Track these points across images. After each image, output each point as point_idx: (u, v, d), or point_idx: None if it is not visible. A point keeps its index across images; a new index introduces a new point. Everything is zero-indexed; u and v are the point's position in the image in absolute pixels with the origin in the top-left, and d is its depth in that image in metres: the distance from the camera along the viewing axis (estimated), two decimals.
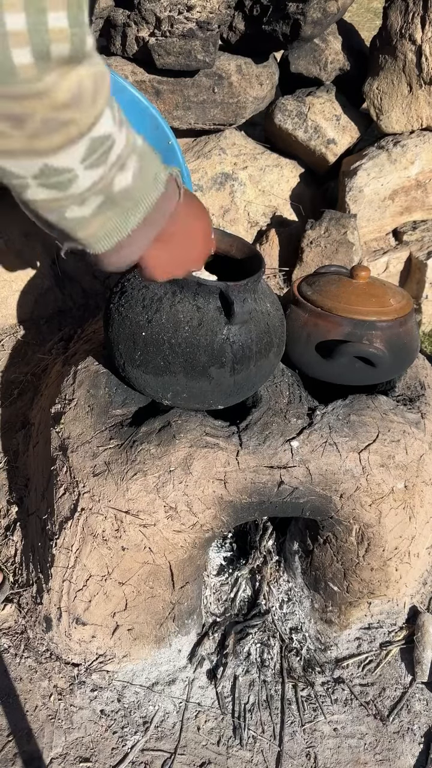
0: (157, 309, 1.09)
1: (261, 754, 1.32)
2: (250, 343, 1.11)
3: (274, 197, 2.32)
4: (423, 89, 2.08)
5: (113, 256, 0.68)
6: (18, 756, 1.26)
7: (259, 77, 2.05)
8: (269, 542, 1.56)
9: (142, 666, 1.39)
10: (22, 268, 1.98)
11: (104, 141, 0.59)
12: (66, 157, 0.57)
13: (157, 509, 1.19)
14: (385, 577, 1.39)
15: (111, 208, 0.63)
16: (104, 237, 0.65)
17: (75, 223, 0.63)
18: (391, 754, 1.33)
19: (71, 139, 0.56)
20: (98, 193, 0.61)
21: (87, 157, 0.58)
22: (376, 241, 2.35)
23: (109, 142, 0.60)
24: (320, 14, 1.87)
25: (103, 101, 0.58)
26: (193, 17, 1.81)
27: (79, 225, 0.63)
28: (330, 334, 1.29)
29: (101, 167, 0.60)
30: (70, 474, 1.24)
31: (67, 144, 0.56)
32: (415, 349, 1.36)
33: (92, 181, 0.60)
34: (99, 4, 1.87)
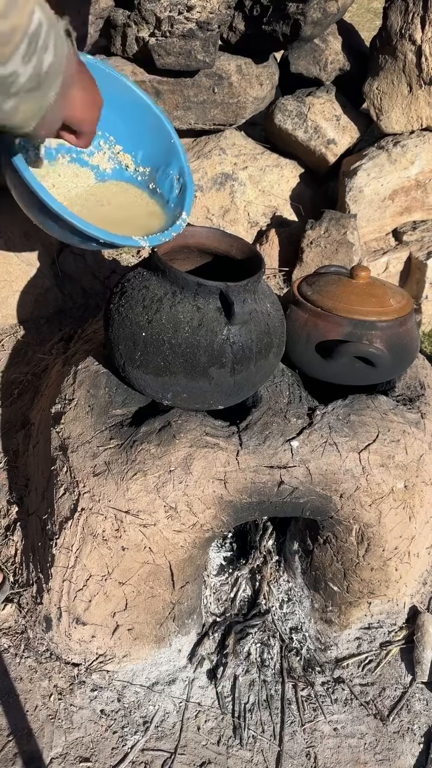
0: (157, 309, 1.09)
1: (261, 753, 1.32)
2: (250, 344, 1.11)
3: (274, 197, 2.32)
4: (423, 89, 2.08)
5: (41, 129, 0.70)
6: (18, 756, 1.26)
7: (259, 77, 2.05)
8: (269, 542, 1.56)
9: (142, 666, 1.39)
10: (22, 268, 1.98)
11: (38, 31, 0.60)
12: (12, 63, 0.58)
13: (157, 509, 1.19)
14: (385, 577, 1.39)
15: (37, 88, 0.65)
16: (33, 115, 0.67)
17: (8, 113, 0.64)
18: (391, 754, 1.33)
19: (16, 45, 0.57)
20: (33, 80, 0.63)
21: (25, 55, 0.59)
22: (376, 241, 2.35)
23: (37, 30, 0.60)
24: (320, 14, 1.87)
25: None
26: (193, 17, 1.81)
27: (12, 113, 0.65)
28: (330, 334, 1.29)
29: (34, 57, 0.61)
30: (70, 474, 1.24)
31: (14, 50, 0.57)
32: (415, 349, 1.37)
33: (29, 74, 0.61)
34: (99, 4, 1.87)
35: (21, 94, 0.63)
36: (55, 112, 0.70)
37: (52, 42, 0.64)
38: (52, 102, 0.68)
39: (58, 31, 0.66)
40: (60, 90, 0.69)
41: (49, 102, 0.68)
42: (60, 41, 0.66)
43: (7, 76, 0.59)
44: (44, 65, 0.63)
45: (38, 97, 0.66)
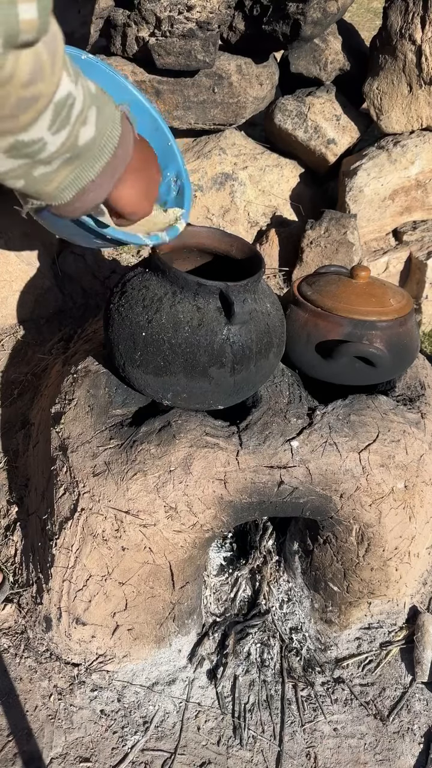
0: (157, 309, 1.09)
1: (261, 754, 1.32)
2: (250, 344, 1.11)
3: (274, 197, 2.32)
4: (423, 89, 2.08)
5: (77, 202, 0.69)
6: (18, 756, 1.26)
7: (259, 77, 2.05)
8: (269, 542, 1.56)
9: (142, 666, 1.39)
10: (22, 268, 1.98)
11: (66, 101, 0.60)
12: (36, 130, 0.58)
13: (157, 509, 1.19)
14: (385, 577, 1.39)
15: (75, 161, 0.65)
16: (68, 186, 0.66)
17: (41, 180, 0.64)
18: (391, 754, 1.33)
19: (40, 111, 0.57)
20: (65, 151, 0.63)
21: (53, 123, 0.59)
22: (376, 241, 2.35)
23: (70, 101, 0.60)
24: (320, 14, 1.87)
25: (60, 64, 0.58)
26: (193, 17, 1.81)
27: (45, 181, 0.64)
28: (330, 334, 1.29)
29: (66, 128, 0.61)
30: (70, 474, 1.24)
31: (38, 117, 0.57)
32: (415, 349, 1.36)
33: (60, 143, 0.61)
34: (99, 4, 1.87)
35: (54, 163, 0.63)
36: (97, 191, 0.69)
37: (93, 117, 0.64)
38: (93, 178, 0.67)
39: (105, 110, 0.66)
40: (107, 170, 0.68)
41: (90, 178, 0.67)
42: (107, 121, 0.67)
43: (30, 143, 0.59)
44: (81, 138, 0.63)
45: (76, 168, 0.65)
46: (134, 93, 1.16)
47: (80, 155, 0.65)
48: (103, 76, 1.11)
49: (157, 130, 1.19)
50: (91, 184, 0.68)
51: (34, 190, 0.65)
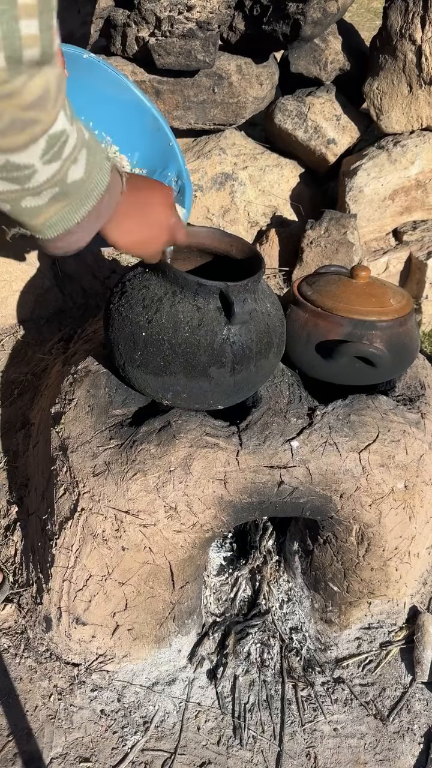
0: (157, 309, 1.09)
1: (261, 754, 1.32)
2: (250, 344, 1.11)
3: (274, 197, 2.32)
4: (423, 89, 2.08)
5: (60, 242, 0.72)
6: (18, 756, 1.26)
7: (259, 77, 2.05)
8: (269, 542, 1.56)
9: (142, 666, 1.39)
10: (22, 268, 1.98)
11: (60, 137, 0.62)
12: (28, 155, 0.60)
13: (157, 509, 1.19)
14: (385, 577, 1.39)
15: (63, 199, 0.67)
16: (54, 225, 0.69)
17: (29, 212, 0.66)
18: (391, 754, 1.33)
19: (35, 137, 0.59)
20: (54, 185, 0.65)
21: (46, 153, 0.61)
22: (376, 241, 2.35)
23: (64, 138, 0.63)
24: (320, 14, 1.87)
25: (62, 100, 0.61)
26: (193, 17, 1.81)
27: (33, 213, 0.66)
28: (330, 334, 1.29)
29: (57, 162, 0.63)
30: (70, 474, 1.24)
31: (31, 142, 0.59)
32: (415, 349, 1.36)
33: (49, 175, 0.63)
34: (99, 4, 1.87)
35: (44, 195, 0.65)
36: (81, 234, 0.72)
37: (83, 160, 0.67)
38: (79, 221, 0.70)
39: (96, 157, 0.69)
40: (92, 214, 0.70)
41: (76, 220, 0.69)
42: (96, 167, 0.69)
43: (20, 166, 0.61)
44: (69, 176, 0.66)
45: (64, 207, 0.67)
46: (136, 93, 1.17)
47: (69, 194, 0.67)
48: (105, 75, 1.11)
49: (159, 130, 1.19)
50: (76, 226, 0.70)
51: (20, 219, 0.67)
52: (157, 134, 1.19)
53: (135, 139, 1.20)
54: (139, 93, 1.17)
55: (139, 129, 1.19)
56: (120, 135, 1.20)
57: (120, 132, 1.19)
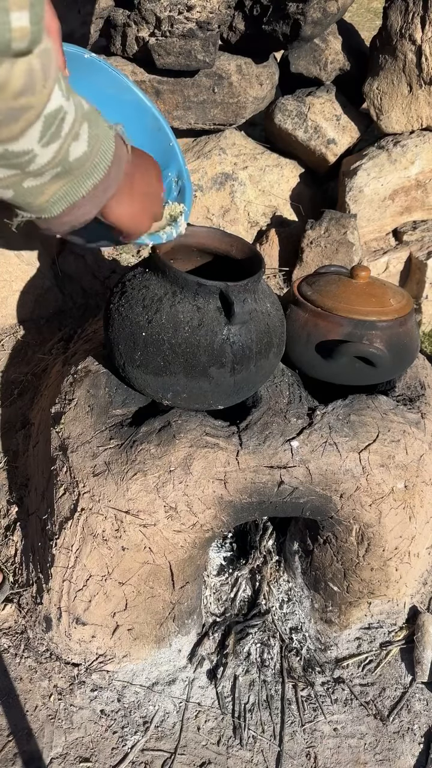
0: (157, 309, 1.09)
1: (261, 754, 1.32)
2: (250, 344, 1.11)
3: (274, 197, 2.32)
4: (423, 89, 2.08)
5: (66, 217, 0.70)
6: (18, 756, 1.26)
7: (259, 77, 2.05)
8: (269, 542, 1.56)
9: (142, 666, 1.39)
10: (22, 268, 1.98)
11: (57, 115, 0.60)
12: (26, 141, 0.59)
13: (157, 509, 1.19)
14: (385, 577, 1.39)
15: (66, 176, 0.65)
16: (59, 200, 0.67)
17: (31, 192, 0.64)
18: (391, 754, 1.33)
19: (30, 122, 0.58)
20: (56, 165, 0.63)
21: (43, 136, 0.59)
22: (376, 241, 2.35)
23: (61, 115, 0.61)
24: (320, 14, 1.87)
25: (53, 78, 0.59)
26: (193, 17, 1.81)
27: (36, 192, 0.65)
28: (330, 334, 1.29)
29: (57, 141, 0.61)
30: (70, 474, 1.24)
31: (27, 129, 0.58)
32: (415, 349, 1.36)
33: (50, 156, 0.62)
34: (99, 4, 1.87)
35: (46, 175, 0.63)
36: (86, 208, 0.70)
37: (85, 134, 0.65)
38: (84, 194, 0.68)
39: (98, 128, 0.67)
40: (99, 188, 0.69)
41: (81, 194, 0.68)
42: (100, 139, 0.67)
43: (20, 153, 0.59)
44: (72, 154, 0.64)
45: (68, 182, 0.66)
46: (136, 92, 1.16)
47: (71, 170, 0.65)
48: (106, 75, 1.11)
49: (160, 130, 1.19)
50: (81, 200, 0.68)
51: (23, 202, 0.66)
52: (158, 134, 1.18)
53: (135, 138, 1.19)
54: (140, 93, 1.16)
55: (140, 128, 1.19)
56: None
57: None
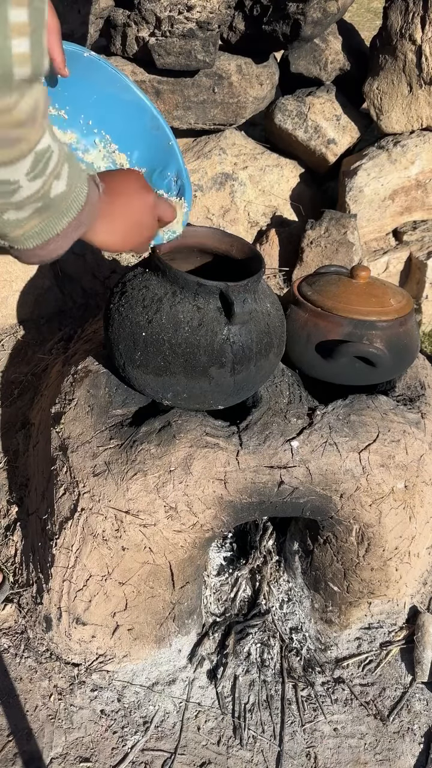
0: (157, 309, 1.09)
1: (261, 754, 1.32)
2: (250, 344, 1.11)
3: (274, 197, 2.32)
4: (423, 89, 2.08)
5: (39, 251, 0.72)
6: (18, 756, 1.26)
7: (259, 77, 2.05)
8: (269, 542, 1.56)
9: (142, 666, 1.39)
10: (22, 268, 1.98)
11: (45, 153, 0.63)
12: (14, 171, 0.61)
13: (157, 509, 1.19)
14: (385, 577, 1.39)
15: (45, 212, 0.68)
16: (34, 236, 0.70)
17: (10, 224, 0.67)
18: (392, 754, 1.33)
19: (23, 154, 0.60)
20: (37, 200, 0.66)
21: (31, 171, 0.62)
22: (376, 241, 2.35)
23: (48, 154, 0.64)
24: (320, 14, 1.87)
25: (46, 117, 0.62)
26: (193, 17, 1.81)
27: (14, 225, 0.67)
28: (330, 334, 1.29)
29: (41, 178, 0.64)
30: (70, 474, 1.24)
31: (18, 159, 0.60)
32: (415, 349, 1.36)
33: (34, 190, 0.64)
34: (99, 4, 1.87)
35: (25, 210, 0.66)
36: (58, 244, 0.73)
37: (66, 174, 0.68)
38: (58, 232, 0.71)
39: (78, 171, 0.71)
40: (71, 226, 0.72)
41: (56, 232, 0.71)
42: (77, 181, 0.70)
43: (5, 182, 0.62)
44: (53, 191, 0.67)
45: (45, 219, 0.69)
46: (136, 92, 1.16)
47: (50, 207, 0.68)
48: (105, 73, 1.11)
49: (158, 129, 1.18)
50: (55, 237, 0.71)
51: (0, 232, 0.68)
52: (156, 133, 1.18)
53: (134, 137, 1.19)
54: (139, 92, 1.16)
55: (139, 128, 1.19)
56: (119, 133, 1.19)
57: (119, 130, 1.19)
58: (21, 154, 0.60)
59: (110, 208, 0.81)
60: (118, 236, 0.84)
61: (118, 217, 0.84)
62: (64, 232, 0.72)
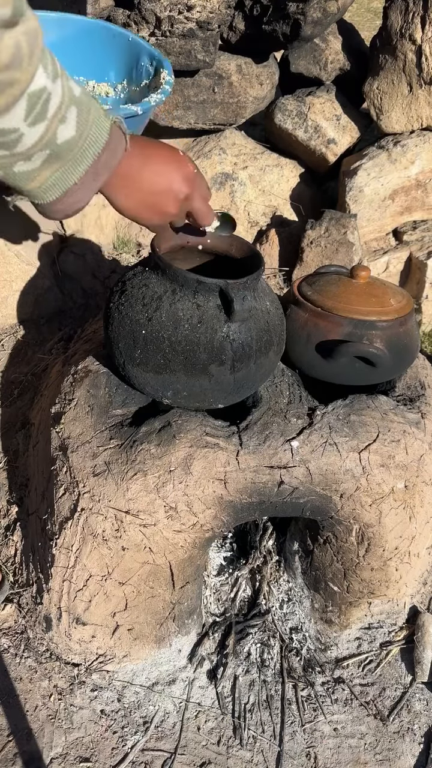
0: (156, 307, 1.09)
1: (261, 754, 1.32)
2: (250, 341, 1.11)
3: (274, 197, 2.32)
4: (423, 89, 2.08)
5: (59, 204, 0.70)
6: (18, 756, 1.26)
7: (259, 77, 2.05)
8: (269, 542, 1.56)
9: (142, 666, 1.38)
10: (22, 268, 1.98)
11: (40, 95, 0.60)
12: (11, 118, 0.59)
13: (157, 509, 1.19)
14: (385, 577, 1.39)
15: (56, 161, 0.65)
16: (51, 187, 0.67)
17: (23, 177, 0.65)
18: (392, 754, 1.33)
19: (15, 98, 0.58)
20: (43, 147, 0.63)
21: (28, 114, 0.60)
22: (376, 241, 2.35)
23: (45, 95, 0.61)
24: (320, 14, 1.87)
25: (38, 57, 0.59)
26: (193, 17, 1.81)
27: (27, 178, 0.65)
28: (330, 334, 1.29)
29: (43, 122, 0.61)
30: (70, 474, 1.24)
31: (12, 104, 0.58)
32: (415, 349, 1.36)
33: (37, 137, 0.62)
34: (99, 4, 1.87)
35: (35, 159, 0.63)
36: (80, 194, 0.69)
37: (73, 118, 0.64)
38: (77, 180, 0.68)
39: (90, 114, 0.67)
40: (89, 173, 0.68)
41: (73, 180, 0.68)
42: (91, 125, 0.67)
43: (6, 131, 0.60)
44: (60, 136, 0.64)
45: (59, 169, 0.66)
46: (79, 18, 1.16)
47: (61, 155, 0.65)
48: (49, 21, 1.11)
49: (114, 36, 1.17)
50: (73, 186, 0.68)
51: (15, 185, 0.66)
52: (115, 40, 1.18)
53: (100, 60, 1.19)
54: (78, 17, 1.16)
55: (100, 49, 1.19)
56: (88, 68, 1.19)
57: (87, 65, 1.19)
58: (13, 98, 0.58)
59: (133, 170, 0.77)
60: (133, 202, 0.80)
61: (139, 182, 0.79)
62: (82, 182, 0.68)
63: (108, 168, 0.71)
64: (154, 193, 0.82)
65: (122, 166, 0.74)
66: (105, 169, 0.71)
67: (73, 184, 0.68)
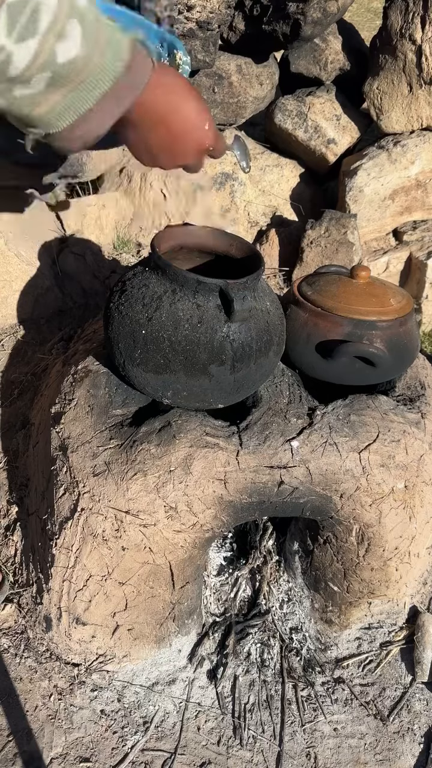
0: (157, 307, 1.09)
1: (261, 754, 1.32)
2: (250, 341, 1.11)
3: (274, 197, 2.32)
4: (423, 89, 2.08)
5: (76, 131, 0.63)
6: (18, 756, 1.26)
7: (259, 77, 2.05)
8: (269, 542, 1.56)
9: (142, 666, 1.38)
10: (22, 268, 1.98)
11: (24, 4, 0.53)
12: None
13: (157, 509, 1.19)
14: (385, 577, 1.39)
15: (65, 84, 0.59)
16: (63, 112, 0.61)
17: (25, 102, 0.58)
18: (392, 754, 1.33)
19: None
20: (41, 68, 0.56)
21: (11, 28, 0.53)
22: (377, 241, 2.35)
23: (33, 5, 0.53)
24: (320, 14, 1.87)
25: None
26: (193, 17, 1.81)
27: (31, 103, 0.59)
28: (330, 334, 1.29)
29: (34, 38, 0.54)
30: (70, 474, 1.24)
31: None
32: (415, 349, 1.36)
33: (30, 56, 0.55)
34: None
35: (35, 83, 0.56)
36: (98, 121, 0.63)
37: (78, 35, 0.57)
38: (91, 106, 0.61)
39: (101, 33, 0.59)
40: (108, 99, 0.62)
41: (88, 105, 0.61)
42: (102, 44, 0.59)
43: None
44: (59, 55, 0.56)
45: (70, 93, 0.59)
46: None
47: (68, 77, 0.58)
48: None
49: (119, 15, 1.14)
50: (89, 112, 0.61)
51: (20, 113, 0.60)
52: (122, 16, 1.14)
53: None
54: None
55: None
56: None
57: None
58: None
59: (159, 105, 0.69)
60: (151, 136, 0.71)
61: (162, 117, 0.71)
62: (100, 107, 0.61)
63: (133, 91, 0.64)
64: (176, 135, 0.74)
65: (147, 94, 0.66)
66: (129, 93, 0.63)
67: (89, 109, 0.61)
